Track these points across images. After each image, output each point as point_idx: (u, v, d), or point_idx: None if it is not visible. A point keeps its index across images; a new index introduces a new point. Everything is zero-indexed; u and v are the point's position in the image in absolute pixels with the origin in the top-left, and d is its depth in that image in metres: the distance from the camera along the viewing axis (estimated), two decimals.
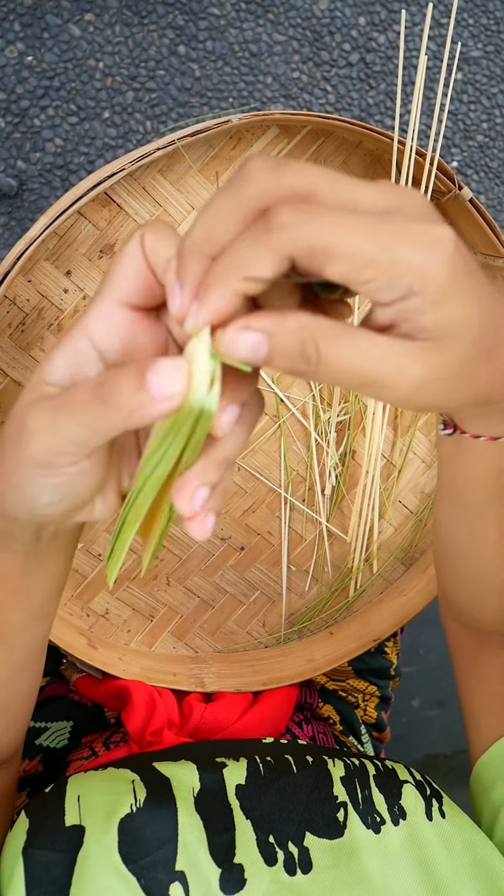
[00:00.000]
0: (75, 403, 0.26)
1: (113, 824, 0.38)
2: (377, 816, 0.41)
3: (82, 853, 0.36)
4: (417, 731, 1.38)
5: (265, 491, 0.66)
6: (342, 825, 0.40)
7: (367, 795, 0.42)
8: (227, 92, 1.06)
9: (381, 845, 0.39)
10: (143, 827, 0.38)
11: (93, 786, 0.41)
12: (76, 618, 0.64)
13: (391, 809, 0.41)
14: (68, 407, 0.26)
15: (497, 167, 1.17)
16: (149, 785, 0.41)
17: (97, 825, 0.38)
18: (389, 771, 0.45)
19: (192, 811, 0.39)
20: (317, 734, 0.62)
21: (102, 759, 0.55)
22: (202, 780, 0.42)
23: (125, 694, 0.58)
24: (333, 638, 0.70)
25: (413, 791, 0.43)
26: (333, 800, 0.41)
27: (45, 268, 0.56)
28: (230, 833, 0.39)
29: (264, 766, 0.44)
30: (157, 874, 0.36)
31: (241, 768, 0.43)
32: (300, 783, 0.42)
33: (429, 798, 0.43)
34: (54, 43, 0.98)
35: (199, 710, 0.58)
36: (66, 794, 0.41)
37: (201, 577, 0.67)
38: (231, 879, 0.37)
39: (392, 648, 0.74)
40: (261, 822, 0.40)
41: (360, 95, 1.10)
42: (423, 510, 0.72)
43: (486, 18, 1.12)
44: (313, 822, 0.40)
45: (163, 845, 0.37)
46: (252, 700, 0.63)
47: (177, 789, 0.41)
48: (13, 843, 0.38)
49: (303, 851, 0.39)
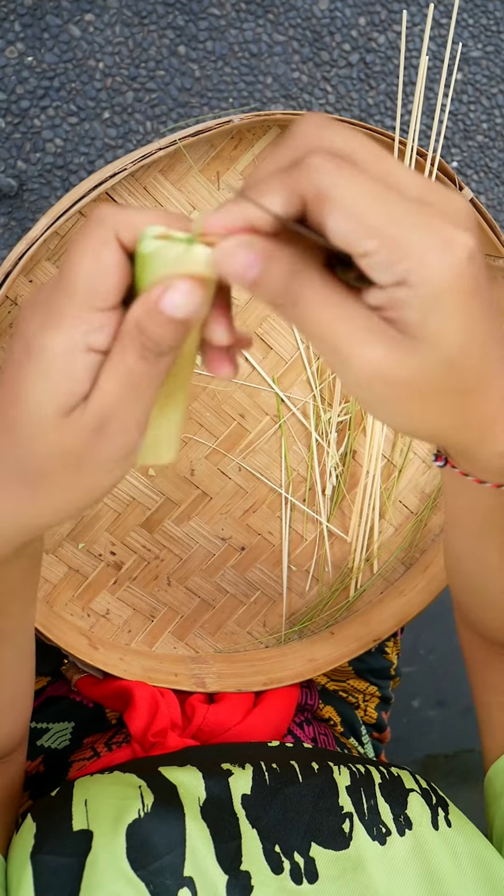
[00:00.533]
0: (137, 377, 0.26)
1: (121, 830, 0.38)
2: (383, 827, 0.41)
3: (90, 859, 0.36)
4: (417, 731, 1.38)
5: (266, 491, 0.66)
6: (348, 837, 0.40)
7: (372, 805, 0.42)
8: (227, 92, 1.06)
9: (387, 857, 0.39)
10: (151, 832, 0.38)
11: (99, 790, 0.41)
12: (77, 618, 0.64)
13: (397, 819, 0.41)
14: (136, 385, 0.26)
15: (497, 167, 1.17)
16: (156, 791, 0.41)
17: (105, 830, 0.38)
18: (395, 779, 0.44)
19: (198, 818, 0.39)
20: (318, 735, 0.62)
21: (104, 759, 0.55)
22: (208, 789, 0.42)
23: (127, 694, 0.58)
24: (334, 638, 0.70)
25: (419, 800, 0.43)
26: (339, 810, 0.41)
27: (47, 268, 0.56)
28: (236, 841, 0.39)
29: (270, 775, 0.43)
30: (165, 879, 0.36)
31: (247, 776, 0.43)
32: (305, 793, 0.42)
33: (434, 807, 0.43)
34: (54, 43, 0.98)
35: (202, 712, 0.58)
36: (73, 799, 0.41)
37: (202, 577, 0.67)
38: (238, 886, 0.37)
39: (392, 648, 0.74)
40: (267, 831, 0.40)
41: (360, 95, 1.10)
42: (424, 510, 0.72)
43: (486, 18, 1.12)
44: (319, 833, 0.40)
45: (171, 851, 0.37)
46: (254, 701, 0.63)
47: (183, 796, 0.41)
48: (21, 848, 0.38)
49: (308, 862, 0.39)
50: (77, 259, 0.26)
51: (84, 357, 0.26)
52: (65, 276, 0.26)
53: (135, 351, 0.26)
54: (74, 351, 0.26)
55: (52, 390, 0.26)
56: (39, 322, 0.26)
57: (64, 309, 0.26)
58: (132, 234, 0.26)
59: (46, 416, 0.26)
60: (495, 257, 0.62)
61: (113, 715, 0.62)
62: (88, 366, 0.26)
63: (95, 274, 0.25)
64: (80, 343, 0.26)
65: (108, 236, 0.26)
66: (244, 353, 0.63)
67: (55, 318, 0.26)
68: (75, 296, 0.25)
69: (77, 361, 0.26)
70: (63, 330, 0.26)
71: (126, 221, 0.26)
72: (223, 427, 0.63)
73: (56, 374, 0.26)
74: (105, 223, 0.26)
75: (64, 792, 0.42)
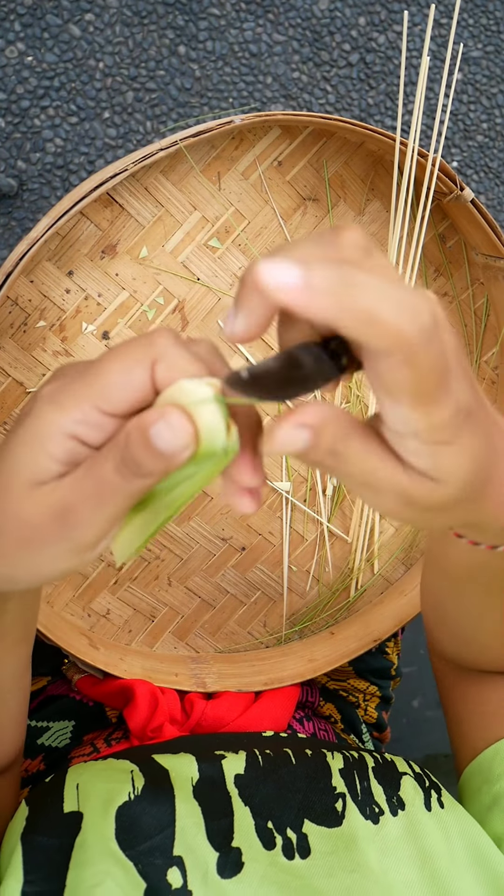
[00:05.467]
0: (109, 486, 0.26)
1: (111, 812, 0.38)
2: (376, 807, 0.41)
3: (79, 839, 0.37)
4: (417, 731, 1.38)
5: (266, 491, 0.66)
6: (340, 815, 0.41)
7: (365, 787, 0.42)
8: (227, 92, 1.06)
9: (380, 835, 0.40)
10: (141, 814, 0.38)
11: (92, 775, 0.42)
12: (77, 618, 0.64)
13: (390, 800, 0.42)
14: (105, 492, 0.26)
15: (497, 167, 1.17)
16: (147, 775, 0.41)
17: (95, 812, 0.38)
18: (388, 763, 0.45)
19: (190, 798, 0.40)
20: (318, 731, 0.62)
21: (104, 754, 0.55)
22: (201, 771, 0.42)
23: (129, 692, 0.58)
24: (334, 638, 0.70)
25: (412, 782, 0.43)
26: (332, 790, 0.42)
27: (48, 268, 0.56)
28: (228, 819, 0.39)
29: (263, 758, 0.44)
30: (154, 859, 0.36)
31: (241, 759, 0.44)
32: (299, 773, 0.43)
33: (427, 789, 0.43)
34: (54, 43, 0.97)
35: (201, 707, 0.58)
36: (66, 783, 0.41)
37: (202, 577, 0.67)
38: (229, 863, 0.37)
39: (393, 649, 0.74)
40: (259, 808, 0.40)
41: (360, 95, 1.10)
42: None
43: (486, 18, 1.12)
44: (312, 810, 0.41)
45: (161, 831, 0.37)
46: (254, 699, 0.63)
47: (175, 779, 0.41)
48: (13, 830, 0.38)
49: (301, 837, 0.39)
50: (110, 363, 0.26)
51: (67, 442, 0.26)
52: (93, 370, 0.27)
53: (113, 460, 0.26)
54: (62, 431, 0.26)
55: (27, 457, 0.27)
56: (49, 395, 0.27)
57: (74, 393, 0.26)
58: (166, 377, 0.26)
59: (17, 481, 0.27)
60: (496, 258, 0.62)
61: (113, 713, 0.62)
62: (67, 451, 0.27)
63: (118, 384, 0.26)
64: (69, 428, 0.26)
65: (147, 362, 0.26)
66: (242, 349, 0.63)
67: (61, 396, 0.27)
68: (91, 389, 0.26)
69: (59, 441, 0.26)
70: (62, 410, 0.26)
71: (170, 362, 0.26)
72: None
73: (37, 444, 0.27)
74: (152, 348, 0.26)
75: (57, 777, 0.42)
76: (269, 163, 0.59)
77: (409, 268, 0.63)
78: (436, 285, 0.67)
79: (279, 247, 0.25)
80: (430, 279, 0.66)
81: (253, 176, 0.59)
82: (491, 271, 0.66)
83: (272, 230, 0.61)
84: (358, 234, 0.25)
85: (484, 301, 0.68)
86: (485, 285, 0.68)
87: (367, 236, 0.25)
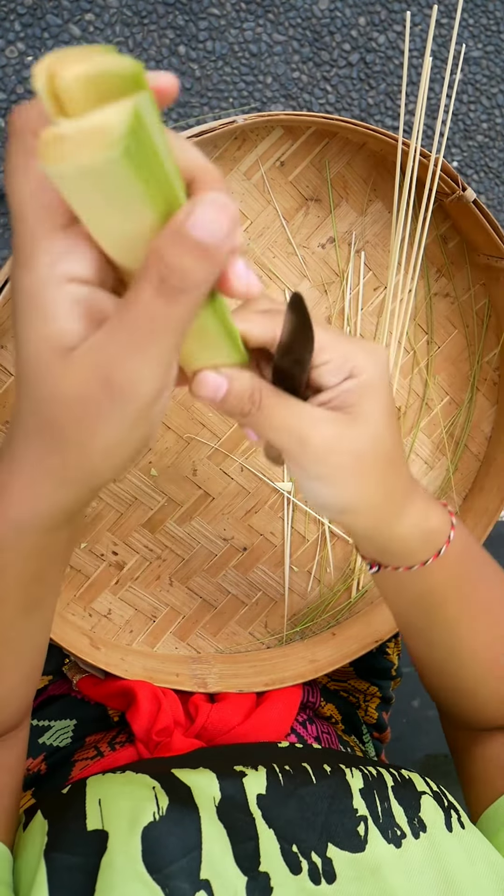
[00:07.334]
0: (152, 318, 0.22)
1: (136, 832, 0.37)
2: (398, 830, 0.40)
3: (106, 860, 0.36)
4: (417, 731, 1.38)
5: (268, 491, 0.66)
6: (363, 840, 0.40)
7: (386, 808, 0.42)
8: (227, 92, 1.05)
9: (403, 860, 0.39)
10: (167, 835, 0.37)
11: (113, 790, 0.41)
12: (78, 618, 0.64)
13: (411, 822, 0.41)
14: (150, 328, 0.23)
15: (497, 167, 1.17)
16: (170, 792, 0.40)
17: (121, 832, 0.37)
18: (407, 781, 0.44)
19: (214, 819, 0.39)
20: (321, 734, 0.62)
21: (108, 759, 0.55)
22: (223, 790, 0.42)
23: (130, 693, 0.58)
24: (335, 639, 0.70)
25: (431, 802, 0.43)
26: (353, 812, 0.41)
27: None
28: (254, 842, 0.39)
29: (283, 776, 0.43)
30: (181, 883, 0.35)
31: (261, 777, 0.43)
32: (319, 794, 0.42)
33: (447, 809, 0.43)
34: (55, 43, 0.97)
35: (206, 710, 0.58)
36: (87, 798, 0.40)
37: (204, 577, 0.67)
38: (258, 888, 0.36)
39: (393, 649, 0.74)
40: (283, 831, 0.40)
41: (360, 95, 1.10)
42: None
43: (486, 18, 1.12)
44: (335, 834, 0.40)
45: (187, 854, 0.37)
46: (256, 700, 0.63)
47: (198, 798, 0.40)
48: (33, 845, 0.38)
49: (326, 862, 0.38)
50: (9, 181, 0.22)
51: (61, 290, 0.23)
52: (11, 207, 0.23)
53: (150, 284, 0.22)
54: (48, 286, 0.23)
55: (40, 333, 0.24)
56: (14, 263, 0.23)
57: (24, 241, 0.23)
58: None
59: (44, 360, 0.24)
60: (497, 258, 0.62)
61: (115, 713, 0.62)
62: (71, 298, 0.23)
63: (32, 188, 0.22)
64: (50, 276, 0.23)
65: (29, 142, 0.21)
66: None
67: (20, 255, 0.23)
68: (27, 221, 0.22)
69: (54, 296, 0.23)
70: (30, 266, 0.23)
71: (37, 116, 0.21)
72: (225, 427, 0.63)
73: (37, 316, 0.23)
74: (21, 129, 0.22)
75: (75, 790, 0.41)
76: (272, 163, 0.59)
77: (411, 269, 0.63)
78: (437, 286, 0.67)
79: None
80: (432, 280, 0.66)
81: (255, 176, 0.59)
82: (493, 272, 0.66)
83: (274, 230, 0.61)
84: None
85: (485, 302, 0.68)
86: (486, 286, 0.68)
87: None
